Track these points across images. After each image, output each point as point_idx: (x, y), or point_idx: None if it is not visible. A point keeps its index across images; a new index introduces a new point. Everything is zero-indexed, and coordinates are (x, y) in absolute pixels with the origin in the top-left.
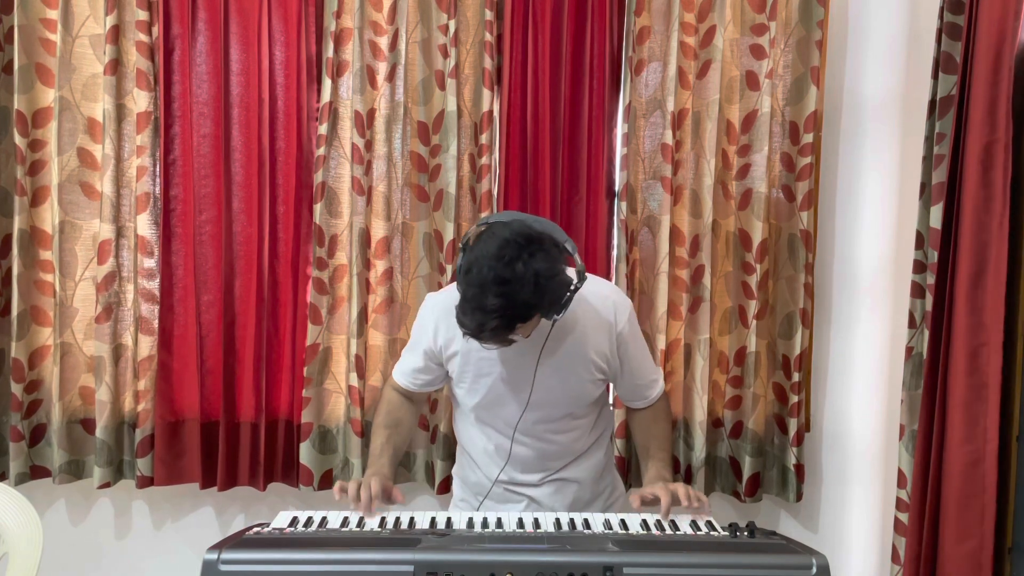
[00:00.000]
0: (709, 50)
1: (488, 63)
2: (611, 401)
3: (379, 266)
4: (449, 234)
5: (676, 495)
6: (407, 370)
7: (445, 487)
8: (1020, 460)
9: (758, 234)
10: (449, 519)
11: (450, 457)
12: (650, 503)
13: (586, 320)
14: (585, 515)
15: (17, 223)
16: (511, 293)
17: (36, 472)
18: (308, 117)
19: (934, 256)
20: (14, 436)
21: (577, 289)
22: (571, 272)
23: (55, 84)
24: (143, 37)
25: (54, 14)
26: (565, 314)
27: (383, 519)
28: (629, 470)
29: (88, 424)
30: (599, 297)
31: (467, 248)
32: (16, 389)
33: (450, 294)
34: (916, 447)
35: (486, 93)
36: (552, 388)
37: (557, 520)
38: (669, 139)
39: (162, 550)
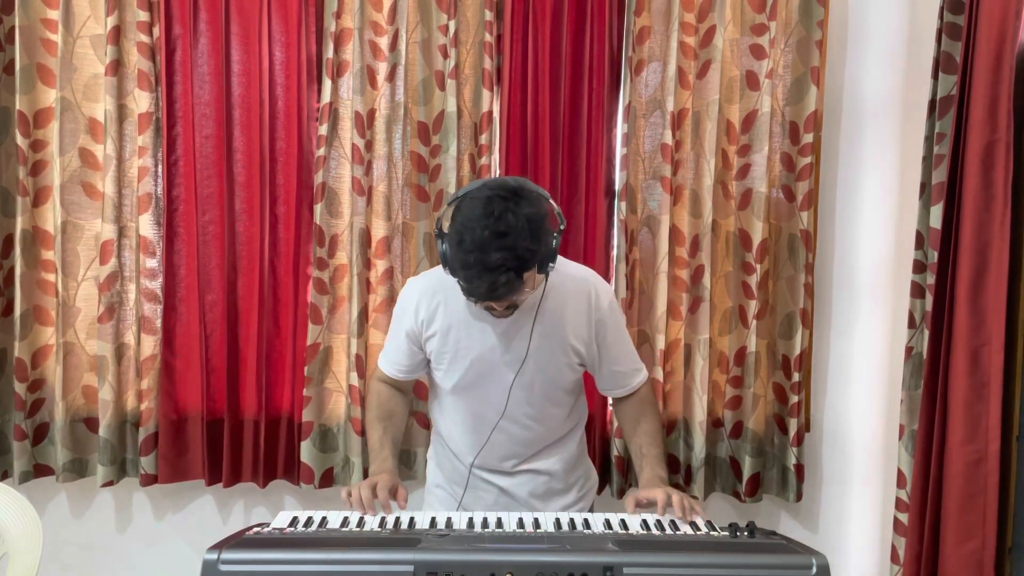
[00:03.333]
0: (709, 50)
1: (488, 63)
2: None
3: (379, 266)
4: None
5: (671, 499)
6: (392, 357)
7: None
8: (1020, 460)
9: (758, 234)
10: (449, 519)
11: None
12: (645, 507)
13: (565, 304)
14: (585, 515)
15: (19, 223)
16: (512, 244)
17: (39, 471)
18: (308, 117)
19: (934, 256)
20: (18, 435)
21: (561, 233)
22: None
23: (56, 84)
24: (144, 38)
25: (55, 14)
26: (546, 290)
27: (383, 519)
28: (629, 470)
29: (91, 423)
30: (578, 280)
31: (440, 231)
32: (19, 388)
33: (430, 275)
34: (916, 447)
35: (486, 93)
36: (532, 371)
37: (557, 520)
38: (669, 139)
39: (162, 547)
